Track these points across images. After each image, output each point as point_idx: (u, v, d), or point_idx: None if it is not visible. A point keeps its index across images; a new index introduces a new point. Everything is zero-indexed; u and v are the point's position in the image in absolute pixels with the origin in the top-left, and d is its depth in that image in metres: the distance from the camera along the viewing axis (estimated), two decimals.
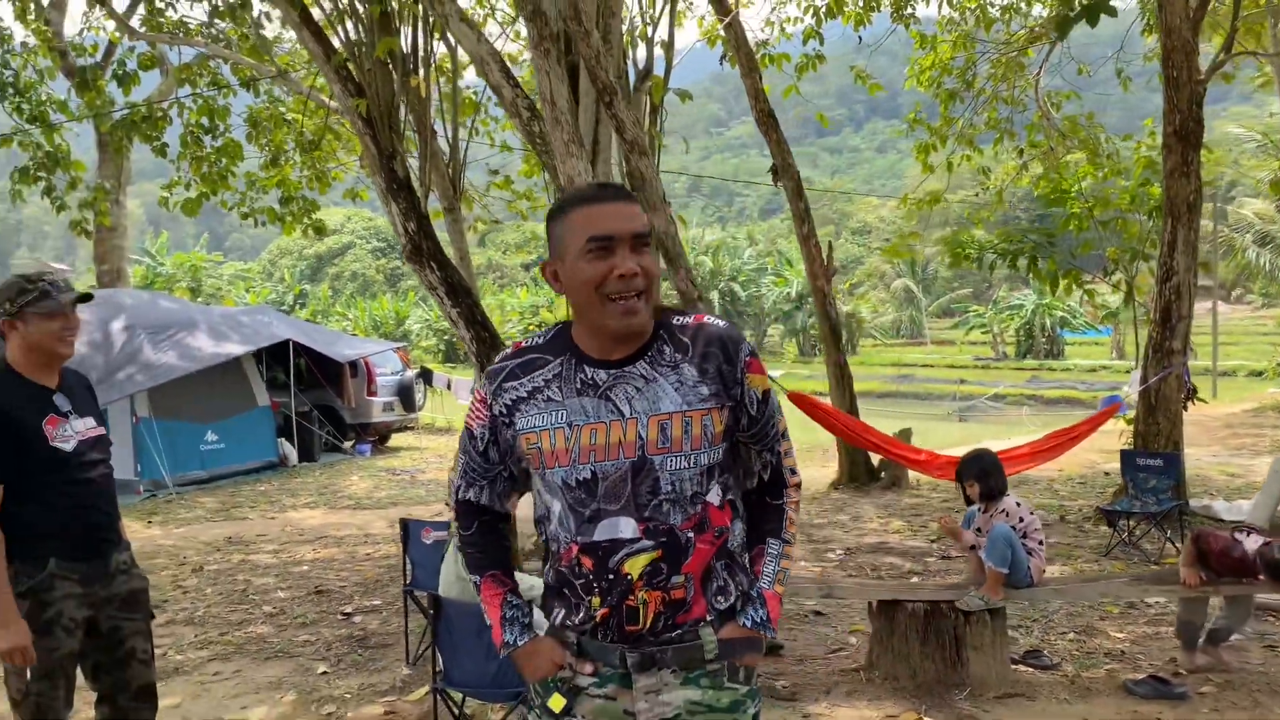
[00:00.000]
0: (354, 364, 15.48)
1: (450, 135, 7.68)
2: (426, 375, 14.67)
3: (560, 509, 1.87)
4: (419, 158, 7.36)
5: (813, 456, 14.36)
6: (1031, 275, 9.87)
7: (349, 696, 4.78)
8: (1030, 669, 4.86)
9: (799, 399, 7.01)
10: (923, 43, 11.74)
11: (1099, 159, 11.30)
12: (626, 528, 1.83)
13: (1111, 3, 5.47)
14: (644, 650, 1.85)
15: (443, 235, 7.67)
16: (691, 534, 1.85)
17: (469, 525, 2.03)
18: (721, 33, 10.34)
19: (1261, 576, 4.44)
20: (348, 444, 15.22)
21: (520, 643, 1.94)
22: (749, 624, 1.92)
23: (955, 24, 11.56)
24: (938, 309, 54.28)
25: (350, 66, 6.96)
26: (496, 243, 61.74)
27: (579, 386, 1.85)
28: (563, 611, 1.91)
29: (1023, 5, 11.32)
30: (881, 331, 52.07)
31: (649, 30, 7.52)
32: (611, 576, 1.83)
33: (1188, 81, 7.46)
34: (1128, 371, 11.37)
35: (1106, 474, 10.70)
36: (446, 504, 2.09)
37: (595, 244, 1.78)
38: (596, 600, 1.85)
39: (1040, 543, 4.72)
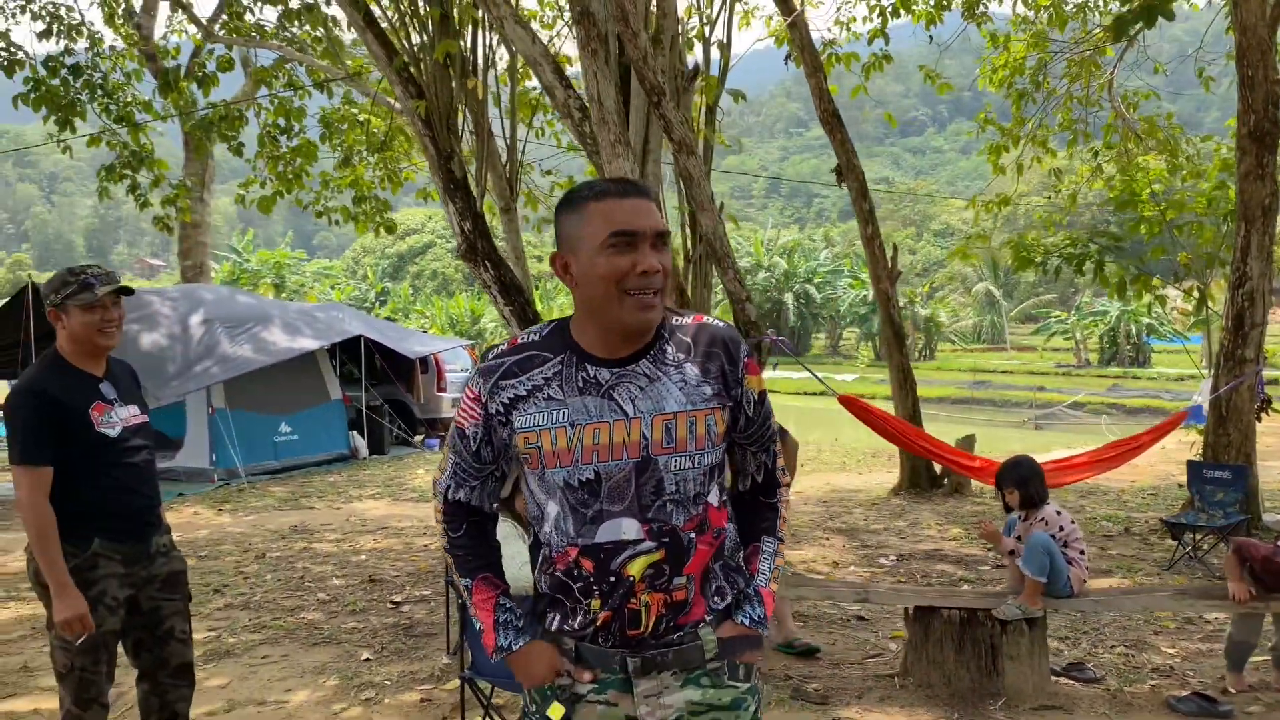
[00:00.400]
0: (424, 360, 15.81)
1: (508, 136, 7.80)
2: None
3: (558, 511, 1.84)
4: (476, 158, 7.49)
5: (879, 461, 14.20)
6: (1098, 280, 9.61)
7: (388, 683, 4.90)
8: (1072, 681, 4.76)
9: (850, 402, 6.95)
10: (994, 42, 11.51)
11: (1178, 160, 10.95)
12: (630, 529, 1.81)
13: (1171, 5, 5.32)
14: (645, 654, 1.84)
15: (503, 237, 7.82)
16: (693, 535, 1.84)
17: (458, 527, 2.00)
18: (787, 31, 10.28)
19: None
20: (417, 438, 15.55)
21: (515, 646, 1.92)
22: (747, 622, 1.92)
23: (1028, 22, 11.31)
24: (1020, 314, 53.06)
25: (411, 69, 7.12)
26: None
27: (580, 385, 1.82)
28: (558, 616, 1.88)
29: (1098, 3, 11.02)
30: (961, 336, 51.09)
31: (706, 30, 7.53)
32: (613, 579, 1.81)
33: (1264, 81, 7.20)
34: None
35: (1180, 486, 10.35)
36: (436, 509, 2.04)
37: (618, 239, 1.75)
38: (596, 603, 1.82)
39: (1081, 552, 4.62)
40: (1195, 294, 9.28)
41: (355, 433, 14.26)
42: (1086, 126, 11.62)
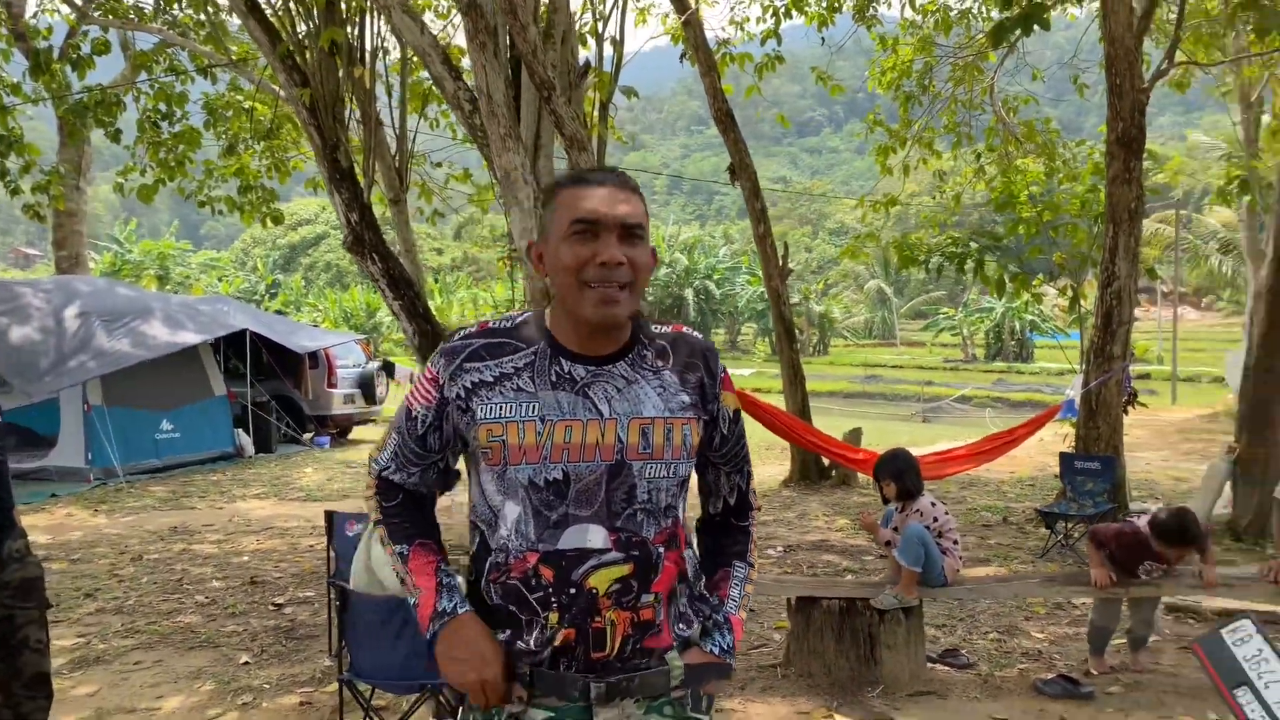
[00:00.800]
0: (314, 355, 15.42)
1: (397, 126, 7.66)
2: (389, 368, 14.67)
3: (519, 513, 1.69)
4: (364, 148, 7.34)
5: (772, 454, 14.43)
6: (977, 279, 9.95)
7: (267, 687, 4.77)
8: (946, 667, 4.92)
9: (740, 397, 7.03)
10: (884, 45, 11.81)
11: (1055, 164, 11.40)
12: (596, 537, 1.68)
13: (1047, 15, 5.54)
14: (610, 679, 1.69)
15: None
16: (662, 549, 1.73)
17: (392, 498, 1.83)
18: (681, 29, 10.35)
19: (1156, 545, 4.51)
20: (305, 436, 15.16)
21: (460, 610, 1.70)
22: (716, 650, 1.81)
23: (916, 27, 11.63)
24: (910, 311, 54.60)
25: (296, 56, 6.93)
26: (473, 236, 61.57)
27: (554, 379, 1.70)
28: (508, 633, 1.71)
29: (981, 9, 11.41)
30: (853, 332, 52.33)
31: (599, 26, 7.52)
32: (573, 590, 1.66)
33: (1130, 90, 7.54)
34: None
35: (1056, 477, 10.80)
36: (367, 484, 1.85)
37: (579, 226, 1.66)
38: (554, 617, 1.67)
39: (955, 542, 4.77)
40: (1069, 292, 9.69)
41: (240, 430, 13.83)
42: (970, 129, 12.02)
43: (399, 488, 1.83)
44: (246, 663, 5.13)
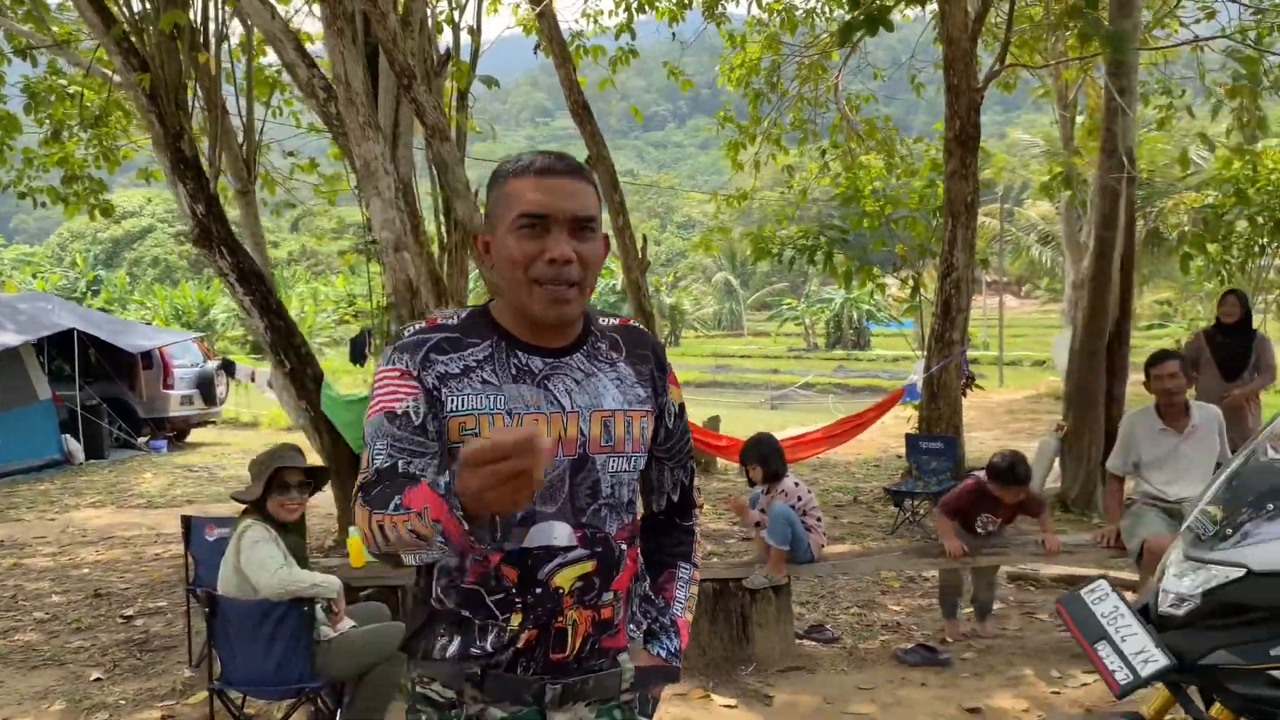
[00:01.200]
0: (148, 355, 14.61)
1: (245, 115, 7.35)
2: (229, 367, 14.01)
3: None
4: (209, 137, 7.01)
5: None
6: (826, 270, 10.34)
7: (123, 703, 4.53)
8: (813, 643, 5.12)
9: None
10: (732, 42, 12.07)
11: (895, 160, 11.94)
12: (561, 534, 1.61)
13: (895, 15, 5.81)
14: (567, 681, 1.64)
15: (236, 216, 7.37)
16: (624, 545, 1.69)
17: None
18: (535, 21, 10.31)
19: (992, 487, 4.85)
20: (141, 440, 14.35)
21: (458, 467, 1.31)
22: (664, 654, 1.78)
23: (763, 25, 11.94)
24: (756, 302, 56.02)
25: (133, 39, 6.55)
26: (311, 228, 59.49)
27: (514, 372, 1.63)
28: (458, 639, 1.62)
29: (825, 9, 11.81)
30: (703, 323, 53.29)
31: (455, 15, 7.42)
32: (539, 590, 1.60)
33: (966, 90, 7.98)
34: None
35: (898, 457, 11.35)
36: (362, 515, 1.50)
37: (526, 221, 1.57)
38: (517, 619, 1.60)
39: (818, 520, 4.97)
40: (910, 282, 10.18)
41: (69, 436, 12.98)
42: (815, 126, 12.43)
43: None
44: (98, 679, 4.85)
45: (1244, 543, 2.22)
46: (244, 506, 3.96)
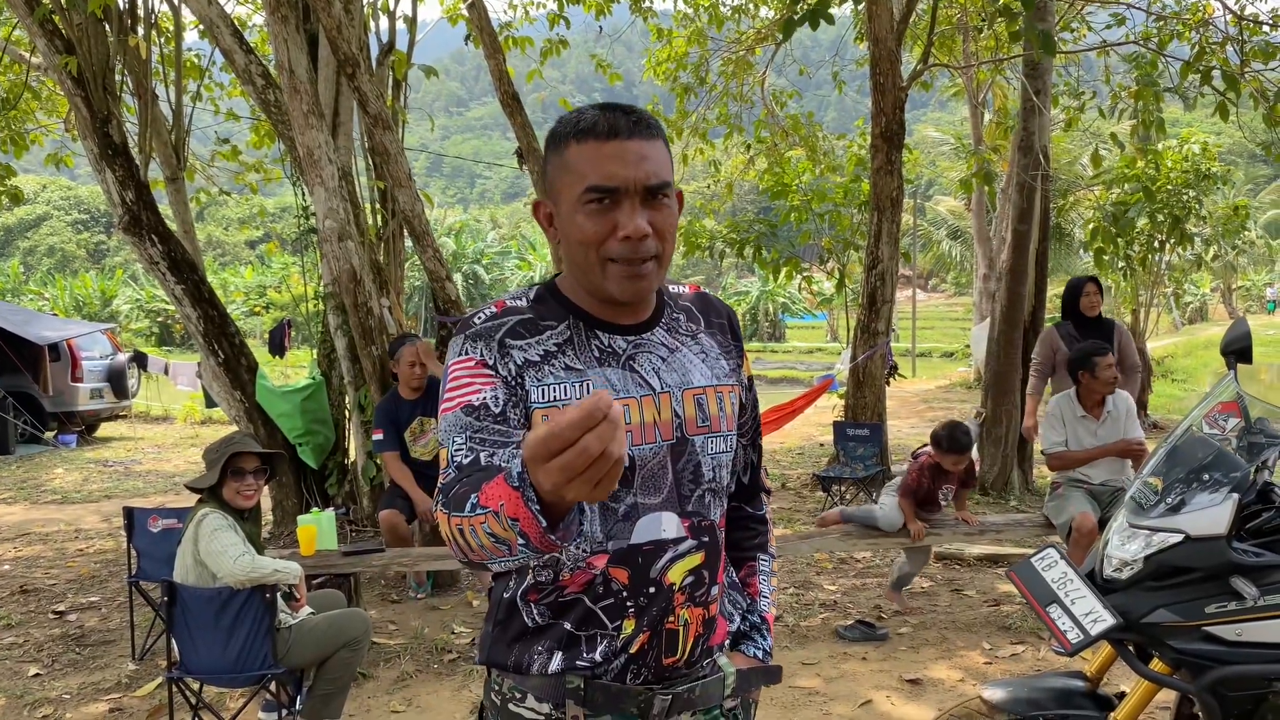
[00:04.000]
0: (55, 347, 14.12)
1: (173, 100, 7.20)
2: (141, 360, 13.66)
3: (587, 511, 1.43)
4: (138, 123, 6.85)
5: None
6: (756, 263, 10.55)
7: (67, 697, 4.45)
8: None
9: None
10: (659, 35, 12.19)
11: (817, 156, 12.22)
12: (670, 525, 1.46)
13: (830, 11, 6.00)
14: (677, 689, 1.48)
15: (165, 207, 7.21)
16: (723, 533, 1.56)
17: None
18: (465, 12, 10.27)
19: (940, 457, 5.08)
20: (48, 434, 13.88)
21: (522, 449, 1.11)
22: (759, 654, 1.65)
23: (689, 20, 12.09)
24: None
25: (58, 20, 6.36)
26: (217, 217, 57.83)
27: (598, 355, 1.47)
28: (561, 655, 1.44)
29: (751, 6, 12.02)
30: None
31: (391, 4, 7.37)
32: (653, 589, 1.44)
33: (892, 88, 8.24)
34: (839, 353, 12.50)
35: (822, 445, 11.66)
36: (442, 517, 1.28)
37: (594, 195, 1.39)
38: (630, 625, 1.43)
39: None
40: (836, 275, 10.46)
41: None
42: (741, 121, 12.65)
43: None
44: (37, 674, 4.75)
45: (1182, 510, 2.43)
46: (198, 496, 3.94)
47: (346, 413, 6.70)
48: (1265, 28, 8.64)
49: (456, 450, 1.37)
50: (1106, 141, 11.40)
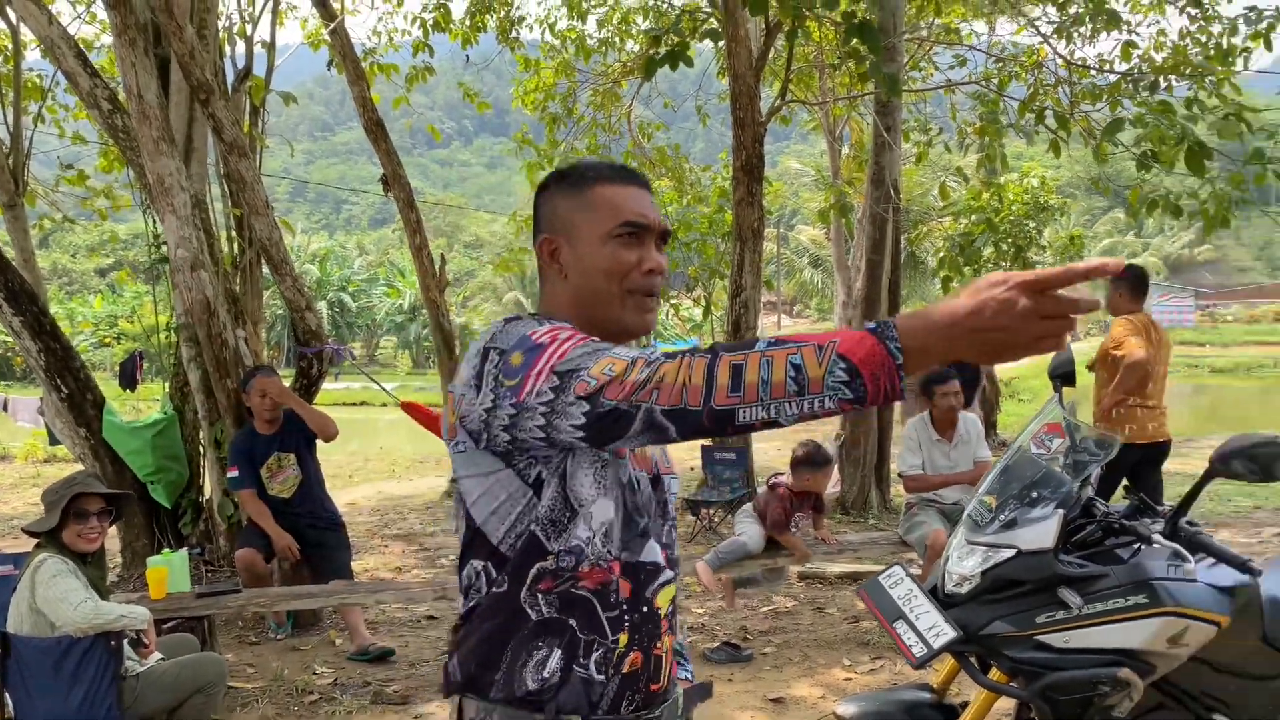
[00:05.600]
0: None
1: (11, 123, 6.84)
2: None
3: (612, 514, 1.47)
4: None
5: (428, 467, 14.42)
6: None
7: None
8: None
9: (411, 407, 7.05)
10: (526, 66, 12.26)
11: (683, 187, 12.48)
12: (656, 553, 1.53)
13: (690, 54, 6.17)
14: (655, 717, 1.53)
15: (2, 234, 6.84)
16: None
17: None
18: (327, 38, 10.11)
19: (799, 477, 5.23)
20: None
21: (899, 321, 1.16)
22: (688, 675, 1.75)
23: (557, 51, 12.20)
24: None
25: None
26: (64, 244, 54.86)
27: None
28: (559, 653, 1.43)
29: (617, 40, 12.22)
30: None
31: (248, 28, 7.20)
32: (645, 610, 1.50)
33: (751, 123, 8.50)
34: None
35: (691, 469, 11.83)
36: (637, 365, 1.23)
37: (629, 229, 1.52)
38: (624, 639, 1.47)
39: None
40: (703, 302, 10.68)
41: None
42: (610, 152, 12.81)
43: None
44: None
45: (1014, 527, 2.59)
46: (36, 540, 3.74)
47: (201, 449, 6.46)
48: (1093, 71, 9.29)
49: (629, 354, 1.27)
50: (955, 175, 12.04)
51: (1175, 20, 8.72)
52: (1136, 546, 2.60)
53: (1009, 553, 2.55)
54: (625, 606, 1.47)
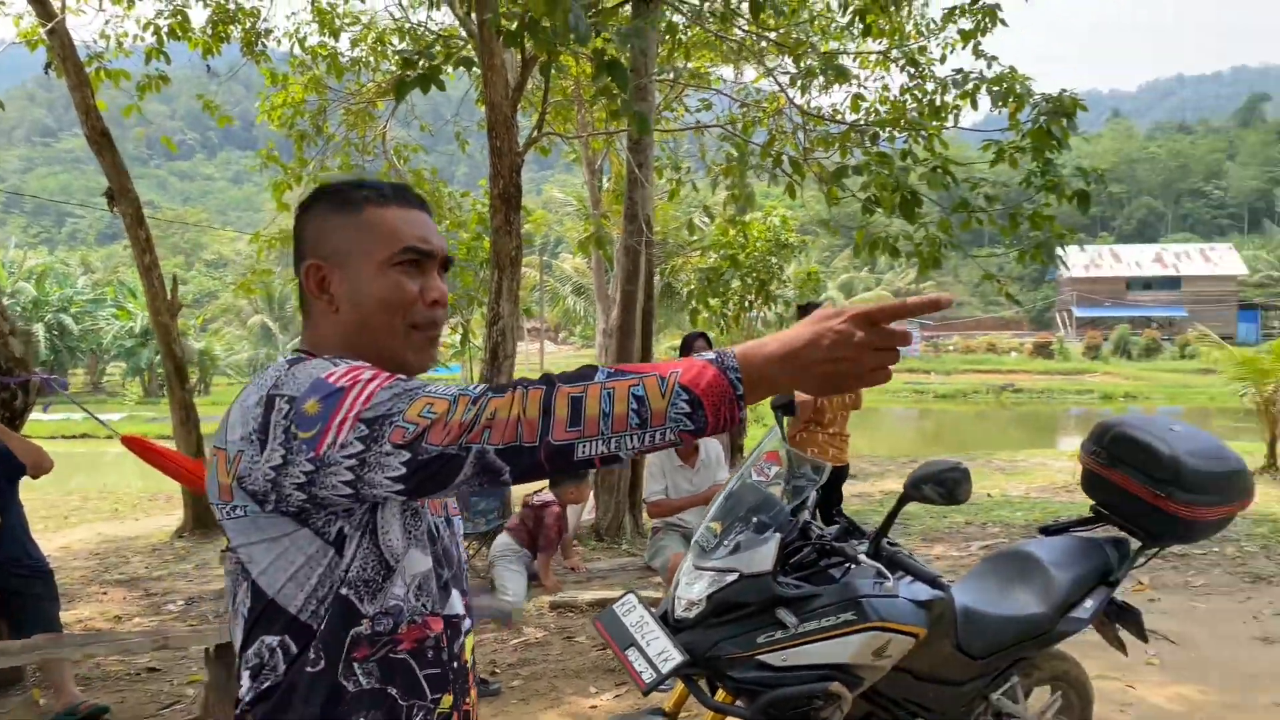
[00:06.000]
0: None
1: None
2: None
3: (426, 566, 1.35)
4: None
5: (156, 505, 13.37)
6: None
7: None
8: None
9: (135, 443, 6.52)
10: (273, 80, 11.74)
11: (442, 211, 12.32)
12: (459, 603, 1.42)
13: (440, 77, 6.12)
14: None
15: None
16: None
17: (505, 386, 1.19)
18: (45, 37, 9.27)
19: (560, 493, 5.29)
20: None
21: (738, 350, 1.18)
22: None
23: (307, 67, 11.76)
24: (296, 346, 53.87)
25: None
26: None
27: None
28: None
29: (372, 60, 11.93)
30: (238, 370, 50.08)
31: None
32: (456, 665, 1.40)
33: (509, 151, 8.53)
34: None
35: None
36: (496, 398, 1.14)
37: (411, 256, 1.38)
38: (448, 700, 1.37)
39: None
40: (461, 329, 10.56)
41: None
42: (364, 172, 12.45)
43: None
44: None
45: (737, 551, 2.71)
46: None
47: None
48: (826, 120, 10.01)
49: (449, 390, 1.18)
50: (706, 211, 12.61)
51: (898, 77, 9.54)
52: (847, 566, 2.79)
53: (732, 577, 2.67)
54: (446, 664, 1.37)
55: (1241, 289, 62.08)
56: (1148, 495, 3.05)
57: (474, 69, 8.80)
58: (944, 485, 2.63)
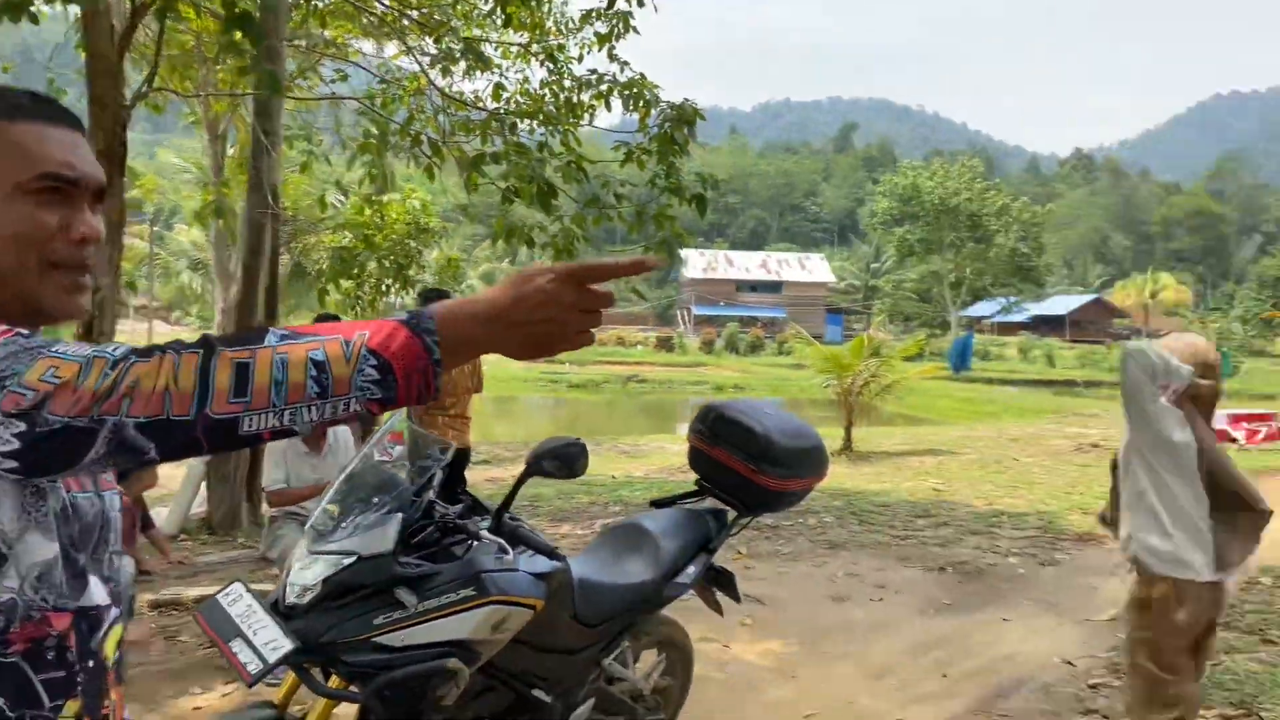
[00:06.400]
0: None
1: None
2: None
3: (52, 553, 1.11)
4: None
5: None
6: None
7: None
8: None
9: None
10: None
11: None
12: (99, 591, 1.19)
13: (27, 10, 5.36)
14: None
15: None
16: None
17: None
18: None
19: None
20: None
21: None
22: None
23: None
24: None
25: None
26: None
27: None
28: None
29: None
30: None
31: None
32: (92, 664, 1.17)
33: (113, 103, 7.66)
34: None
35: None
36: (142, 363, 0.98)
37: (52, 183, 1.16)
38: (74, 706, 1.14)
39: None
40: None
41: None
42: None
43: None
44: None
45: (355, 533, 2.64)
46: None
47: None
48: (468, 106, 9.99)
49: (119, 347, 1.02)
50: (340, 188, 12.10)
51: (538, 71, 9.75)
52: (470, 543, 2.81)
53: (350, 559, 2.59)
54: (76, 666, 1.17)
55: (830, 295, 70.53)
56: (744, 469, 3.37)
57: (73, 4, 7.83)
58: (563, 459, 2.73)
